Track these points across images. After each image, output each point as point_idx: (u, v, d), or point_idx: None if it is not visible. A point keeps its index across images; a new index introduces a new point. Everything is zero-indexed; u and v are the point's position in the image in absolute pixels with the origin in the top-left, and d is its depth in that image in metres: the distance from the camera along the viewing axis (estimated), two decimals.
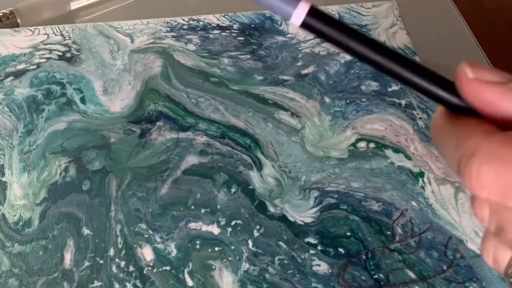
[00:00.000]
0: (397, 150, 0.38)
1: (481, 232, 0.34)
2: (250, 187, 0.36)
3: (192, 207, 0.35)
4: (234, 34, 0.45)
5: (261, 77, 0.42)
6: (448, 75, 0.50)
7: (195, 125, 0.39)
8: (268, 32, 0.45)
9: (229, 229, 0.34)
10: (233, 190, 0.36)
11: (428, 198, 0.35)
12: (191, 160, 0.37)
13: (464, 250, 0.33)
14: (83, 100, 0.40)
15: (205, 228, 0.34)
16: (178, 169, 0.37)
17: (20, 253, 0.33)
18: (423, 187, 0.36)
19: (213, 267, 0.32)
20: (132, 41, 0.44)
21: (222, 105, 0.40)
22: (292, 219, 0.34)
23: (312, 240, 0.34)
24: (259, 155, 0.37)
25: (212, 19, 0.46)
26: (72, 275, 0.32)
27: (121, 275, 0.32)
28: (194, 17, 0.46)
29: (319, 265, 0.33)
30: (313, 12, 0.21)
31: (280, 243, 0.33)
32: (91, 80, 0.42)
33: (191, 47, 0.44)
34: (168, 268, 0.32)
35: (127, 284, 0.32)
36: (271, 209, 0.35)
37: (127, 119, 0.39)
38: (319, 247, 0.33)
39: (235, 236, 0.34)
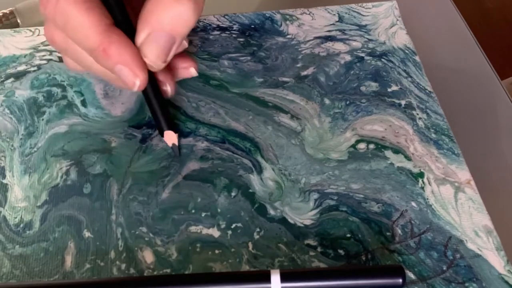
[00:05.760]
0: (396, 150, 0.38)
1: (481, 232, 0.34)
2: (250, 190, 0.36)
3: (193, 210, 0.35)
4: (234, 35, 0.45)
5: (261, 79, 0.42)
6: (448, 74, 0.50)
7: (196, 130, 0.39)
8: (268, 33, 0.45)
9: (229, 232, 0.34)
10: (233, 193, 0.36)
11: (428, 199, 0.35)
12: (192, 165, 0.37)
13: (464, 250, 0.33)
14: (84, 103, 0.40)
15: (205, 231, 0.34)
16: (179, 174, 0.37)
17: (21, 255, 0.33)
18: (422, 188, 0.36)
19: (213, 269, 0.33)
20: None
21: (223, 108, 0.40)
22: (292, 222, 0.34)
23: (312, 242, 0.34)
24: (259, 158, 0.38)
25: (212, 19, 0.46)
26: (73, 277, 0.32)
27: (122, 276, 0.32)
28: None
29: (319, 266, 0.33)
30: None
31: (280, 245, 0.34)
32: (91, 82, 0.42)
33: (191, 48, 0.44)
34: (168, 270, 0.32)
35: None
36: (271, 212, 0.35)
37: (128, 123, 0.39)
38: (319, 249, 0.33)
39: (235, 239, 0.34)
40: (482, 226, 0.34)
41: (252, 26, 0.46)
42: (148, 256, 0.33)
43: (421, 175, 0.37)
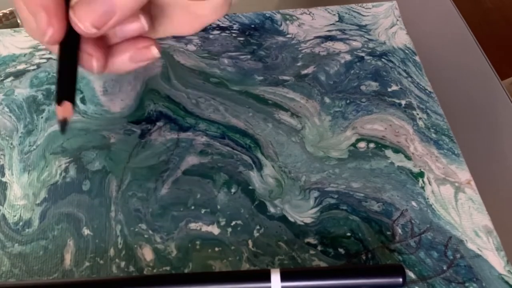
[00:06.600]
0: (397, 150, 0.38)
1: (481, 232, 0.34)
2: (250, 187, 0.36)
3: (192, 207, 0.35)
4: (234, 35, 0.45)
5: (261, 78, 0.42)
6: (448, 74, 0.50)
7: (195, 125, 0.39)
8: (268, 32, 0.45)
9: (229, 230, 0.34)
10: (233, 190, 0.36)
11: (428, 198, 0.35)
12: (191, 160, 0.37)
13: (464, 250, 0.33)
14: (83, 101, 0.40)
15: (205, 228, 0.34)
16: (178, 169, 0.37)
17: (20, 254, 0.33)
18: (423, 187, 0.36)
19: (213, 267, 0.32)
20: None
21: (222, 105, 0.40)
22: (292, 220, 0.34)
23: (312, 240, 0.34)
24: (259, 155, 0.37)
25: None
26: (72, 275, 0.32)
27: (121, 275, 0.32)
28: None
29: (319, 265, 0.33)
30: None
31: (280, 243, 0.33)
32: (91, 80, 0.42)
33: (191, 47, 0.44)
34: (168, 268, 0.32)
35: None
36: (271, 210, 0.35)
37: (127, 119, 0.39)
38: (319, 248, 0.33)
39: (235, 237, 0.34)
40: (482, 226, 0.34)
41: (252, 26, 0.46)
42: (147, 254, 0.33)
43: (421, 174, 0.37)
